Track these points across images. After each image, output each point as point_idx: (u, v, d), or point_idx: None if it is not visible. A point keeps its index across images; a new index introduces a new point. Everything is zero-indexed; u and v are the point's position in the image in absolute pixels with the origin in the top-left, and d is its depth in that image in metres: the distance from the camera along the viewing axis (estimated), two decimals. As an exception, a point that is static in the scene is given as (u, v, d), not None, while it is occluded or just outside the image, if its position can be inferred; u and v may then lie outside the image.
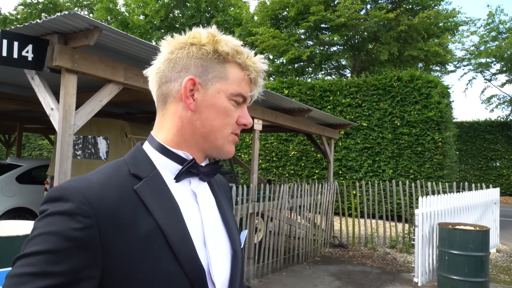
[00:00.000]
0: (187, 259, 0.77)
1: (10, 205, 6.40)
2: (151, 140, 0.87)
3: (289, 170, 12.71)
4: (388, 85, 11.38)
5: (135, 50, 3.61)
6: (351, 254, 7.32)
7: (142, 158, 0.84)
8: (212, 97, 0.84)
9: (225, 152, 0.88)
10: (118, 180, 0.78)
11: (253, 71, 0.87)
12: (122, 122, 5.64)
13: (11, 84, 5.58)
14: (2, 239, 2.70)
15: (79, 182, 0.74)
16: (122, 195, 0.76)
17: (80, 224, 0.69)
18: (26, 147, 18.00)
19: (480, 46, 19.92)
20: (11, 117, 8.90)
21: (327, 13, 15.59)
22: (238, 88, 0.86)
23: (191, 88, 0.83)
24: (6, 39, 2.87)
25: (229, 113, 0.86)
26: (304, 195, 6.89)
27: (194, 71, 0.84)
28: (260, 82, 0.90)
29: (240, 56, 0.85)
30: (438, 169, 10.64)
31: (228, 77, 0.85)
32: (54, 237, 0.68)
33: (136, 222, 0.74)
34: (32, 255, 0.67)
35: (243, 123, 0.89)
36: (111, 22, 21.25)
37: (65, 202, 0.71)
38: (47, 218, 0.70)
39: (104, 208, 0.72)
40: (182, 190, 0.85)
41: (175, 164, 0.85)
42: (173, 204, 0.80)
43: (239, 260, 0.90)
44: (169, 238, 0.76)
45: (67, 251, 0.68)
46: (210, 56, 0.84)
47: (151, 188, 0.79)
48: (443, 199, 5.98)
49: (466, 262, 4.80)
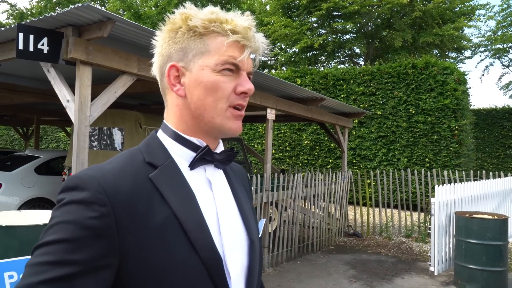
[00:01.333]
0: (204, 246, 0.76)
1: (30, 196, 6.54)
2: (165, 128, 0.86)
3: (303, 160, 12.68)
4: (403, 73, 11.20)
5: (148, 40, 3.61)
6: (366, 243, 7.30)
7: (156, 146, 0.84)
8: (197, 76, 0.81)
9: (226, 129, 0.83)
10: (133, 168, 0.78)
11: (233, 33, 0.80)
12: (136, 113, 5.69)
13: (28, 78, 5.67)
14: (23, 228, 2.76)
15: (94, 171, 0.74)
16: (137, 183, 0.76)
17: (96, 213, 0.69)
18: (44, 139, 18.32)
19: (497, 31, 19.42)
20: (28, 110, 9.07)
21: (340, 0, 15.36)
22: (223, 57, 0.80)
23: (176, 74, 0.83)
24: (22, 32, 2.91)
25: (220, 86, 0.81)
26: (318, 185, 6.88)
27: (175, 57, 0.83)
28: (253, 42, 0.82)
29: (215, 23, 0.80)
30: (454, 158, 10.48)
31: (209, 50, 0.81)
32: (71, 225, 0.68)
33: (152, 210, 0.74)
34: (50, 244, 0.68)
35: (241, 91, 0.83)
36: (123, 13, 21.33)
37: (81, 191, 0.71)
38: (64, 207, 0.71)
39: (120, 196, 0.72)
40: (197, 177, 0.84)
41: (189, 151, 0.84)
42: (189, 192, 0.80)
43: (257, 249, 0.89)
44: (185, 226, 0.76)
45: (84, 239, 0.68)
46: (186, 36, 0.82)
47: (166, 176, 0.79)
48: (460, 187, 5.90)
49: (484, 251, 4.74)
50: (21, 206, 6.38)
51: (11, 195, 6.35)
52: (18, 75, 5.51)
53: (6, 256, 2.58)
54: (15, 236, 2.74)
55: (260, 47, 0.85)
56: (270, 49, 0.90)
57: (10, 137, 19.54)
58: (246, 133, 13.91)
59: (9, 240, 2.72)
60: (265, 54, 0.88)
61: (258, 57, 0.86)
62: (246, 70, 0.84)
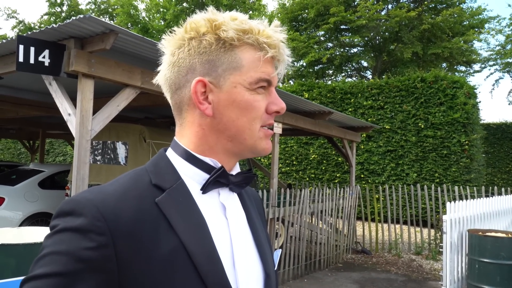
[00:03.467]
0: (216, 283, 0.67)
1: (33, 210, 6.46)
2: (175, 146, 0.77)
3: (310, 174, 12.53)
4: (412, 86, 11.08)
5: (152, 53, 3.56)
6: (375, 261, 7.10)
7: (165, 166, 0.74)
8: (229, 94, 0.72)
9: (259, 150, 0.76)
10: (138, 191, 0.68)
11: (270, 47, 0.72)
12: (140, 127, 5.62)
13: (32, 91, 5.65)
14: (21, 246, 2.67)
15: (93, 194, 0.66)
16: (141, 209, 0.66)
17: (93, 243, 0.61)
18: (51, 153, 18.37)
19: (506, 45, 19.30)
20: (34, 124, 9.08)
21: (347, 14, 15.36)
22: (257, 73, 0.72)
23: (202, 90, 0.72)
24: (22, 44, 2.85)
25: (254, 106, 0.73)
26: (326, 200, 6.73)
27: (201, 70, 0.72)
28: (283, 55, 0.75)
29: (249, 35, 0.71)
30: (465, 173, 10.27)
31: (241, 64, 0.72)
32: (64, 257, 0.60)
33: (158, 240, 0.65)
34: (39, 277, 0.59)
35: (274, 110, 0.75)
36: (132, 28, 21.57)
37: (77, 217, 0.62)
38: (57, 235, 0.62)
39: (121, 224, 0.63)
40: (210, 202, 0.74)
41: (202, 172, 0.74)
42: (200, 219, 0.70)
43: (273, 284, 0.79)
44: (195, 258, 0.66)
45: (78, 274, 0.59)
46: (214, 47, 0.72)
47: (175, 200, 0.70)
48: (472, 204, 5.73)
49: (498, 271, 4.56)
50: (24, 221, 6.30)
51: (14, 210, 6.28)
52: (22, 88, 5.50)
53: (2, 276, 2.49)
54: (12, 255, 2.64)
55: (286, 60, 0.76)
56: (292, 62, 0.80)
57: (17, 151, 19.65)
58: (253, 146, 13.81)
59: (6, 259, 2.63)
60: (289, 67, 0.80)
61: (284, 70, 0.77)
62: (275, 85, 0.76)
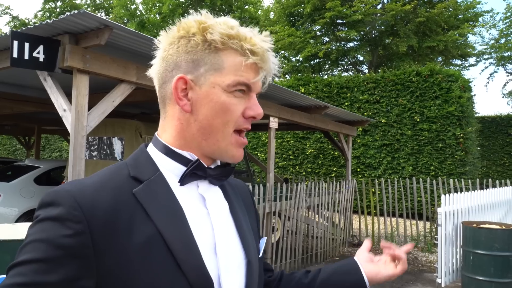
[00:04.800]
0: (192, 268, 0.70)
1: (29, 206, 6.46)
2: (155, 142, 0.81)
3: (306, 168, 12.57)
4: (407, 80, 11.11)
5: (147, 48, 3.56)
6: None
7: (144, 160, 0.78)
8: (207, 94, 0.75)
9: (229, 156, 0.78)
10: (115, 183, 0.72)
11: (253, 54, 0.75)
12: (136, 122, 5.63)
13: (28, 87, 5.62)
14: (17, 242, 2.67)
15: (72, 186, 0.70)
16: (118, 199, 0.70)
17: (70, 231, 0.64)
18: (46, 148, 18.31)
19: (500, 39, 19.36)
20: (29, 119, 9.04)
21: (343, 8, 15.34)
22: (237, 77, 0.75)
23: (183, 87, 0.76)
24: (16, 40, 2.85)
25: (229, 108, 0.75)
26: (322, 194, 6.77)
27: (185, 67, 0.76)
28: (267, 64, 0.77)
29: (234, 40, 0.74)
30: (460, 166, 10.34)
31: (223, 67, 0.75)
32: (44, 244, 0.64)
33: (134, 228, 0.68)
34: (22, 264, 0.64)
35: (250, 115, 0.77)
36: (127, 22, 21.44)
37: (56, 207, 0.66)
38: (38, 224, 0.66)
39: (97, 213, 0.67)
40: (189, 194, 0.77)
41: (179, 165, 0.77)
42: (177, 209, 0.73)
43: (255, 270, 0.81)
44: (171, 245, 0.69)
45: (58, 259, 0.63)
46: (200, 48, 0.75)
47: (152, 191, 0.73)
48: (467, 196, 5.78)
49: (492, 262, 4.62)
50: (20, 217, 6.30)
51: (10, 206, 6.27)
52: (17, 84, 5.47)
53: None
54: (7, 250, 2.65)
55: (272, 69, 0.79)
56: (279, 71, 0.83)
57: (13, 147, 19.56)
58: (250, 141, 13.82)
59: (1, 255, 2.63)
60: (275, 75, 0.82)
61: (269, 78, 0.80)
62: (256, 91, 0.78)
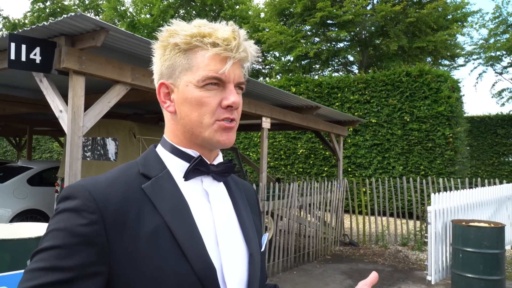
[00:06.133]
0: (196, 256, 0.76)
1: (22, 207, 6.45)
2: (163, 142, 0.88)
3: (298, 168, 12.65)
4: (397, 81, 11.26)
5: (142, 50, 3.60)
6: (362, 252, 7.25)
7: (152, 159, 0.85)
8: (182, 93, 0.82)
9: (214, 142, 0.82)
10: (126, 179, 0.79)
11: (212, 46, 0.79)
12: (130, 123, 5.64)
13: (20, 88, 5.61)
14: (15, 241, 2.71)
15: (87, 181, 0.77)
16: (128, 193, 0.77)
17: (85, 220, 0.71)
18: (37, 149, 18.15)
19: (489, 39, 19.63)
20: (21, 120, 8.99)
21: (334, 9, 15.46)
22: (204, 71, 0.79)
23: (166, 91, 0.85)
24: (14, 42, 2.87)
25: (204, 101, 0.80)
26: (314, 193, 6.84)
27: (166, 74, 0.84)
28: (236, 51, 0.79)
29: (196, 38, 0.79)
30: (449, 165, 10.50)
31: (192, 65, 0.81)
32: (62, 232, 0.71)
33: (143, 219, 0.75)
34: (44, 250, 0.71)
35: (226, 104, 0.81)
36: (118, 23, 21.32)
37: (72, 199, 0.73)
38: (58, 215, 0.73)
39: (109, 204, 0.73)
40: (193, 189, 0.84)
41: (184, 162, 0.84)
42: (182, 202, 0.80)
43: (256, 263, 0.87)
44: (177, 235, 0.75)
45: (74, 246, 0.70)
46: (172, 53, 0.82)
47: (160, 186, 0.80)
48: (456, 195, 5.89)
49: (481, 259, 4.72)
50: (13, 218, 6.28)
51: (3, 207, 6.25)
52: (10, 85, 5.45)
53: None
54: (6, 250, 2.68)
55: (249, 55, 0.83)
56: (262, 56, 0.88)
57: (3, 148, 19.36)
58: (241, 142, 13.87)
59: (1, 254, 2.66)
60: (256, 61, 0.87)
61: (247, 64, 0.86)
62: (233, 82, 0.82)
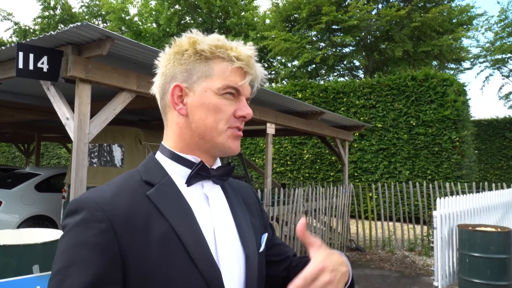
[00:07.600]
0: (203, 260, 0.78)
1: (30, 213, 6.51)
2: (162, 149, 0.91)
3: (304, 174, 12.64)
4: (403, 85, 11.24)
5: (147, 58, 3.65)
6: (369, 258, 7.22)
7: (154, 166, 0.88)
8: (200, 97, 0.85)
9: (227, 148, 0.88)
10: (130, 187, 0.81)
11: (237, 60, 0.85)
12: (136, 129, 5.69)
13: (29, 95, 5.69)
14: (21, 247, 2.74)
15: (92, 193, 0.78)
16: (134, 201, 0.79)
17: (95, 230, 0.73)
18: (45, 156, 18.33)
19: (495, 42, 19.54)
20: (29, 127, 9.10)
21: (339, 14, 15.50)
22: (225, 81, 0.85)
23: (179, 94, 0.87)
24: (22, 51, 2.93)
25: (221, 108, 0.85)
26: (319, 199, 6.83)
27: (180, 77, 0.87)
28: (253, 69, 0.88)
29: (221, 49, 0.85)
30: (456, 169, 10.43)
31: (213, 73, 0.85)
32: (75, 248, 0.72)
33: (150, 225, 0.77)
34: (60, 272, 0.71)
35: (240, 115, 0.87)
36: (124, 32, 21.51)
37: (80, 213, 0.75)
38: (68, 233, 0.75)
39: (117, 212, 0.75)
40: (195, 194, 0.86)
41: (185, 168, 0.87)
42: (186, 207, 0.82)
43: (253, 265, 0.89)
44: (184, 239, 0.78)
45: (89, 259, 0.71)
46: (192, 59, 0.86)
47: (164, 193, 0.82)
48: (462, 200, 5.85)
49: (488, 264, 4.67)
50: (21, 224, 6.35)
51: (11, 213, 6.32)
52: (19, 93, 5.54)
53: (4, 276, 2.56)
54: (13, 255, 2.71)
55: (259, 76, 0.90)
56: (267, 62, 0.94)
57: (12, 154, 19.57)
58: (247, 147, 13.90)
59: (7, 259, 2.70)
60: (263, 83, 0.93)
61: (257, 85, 0.91)
62: (245, 95, 0.89)
